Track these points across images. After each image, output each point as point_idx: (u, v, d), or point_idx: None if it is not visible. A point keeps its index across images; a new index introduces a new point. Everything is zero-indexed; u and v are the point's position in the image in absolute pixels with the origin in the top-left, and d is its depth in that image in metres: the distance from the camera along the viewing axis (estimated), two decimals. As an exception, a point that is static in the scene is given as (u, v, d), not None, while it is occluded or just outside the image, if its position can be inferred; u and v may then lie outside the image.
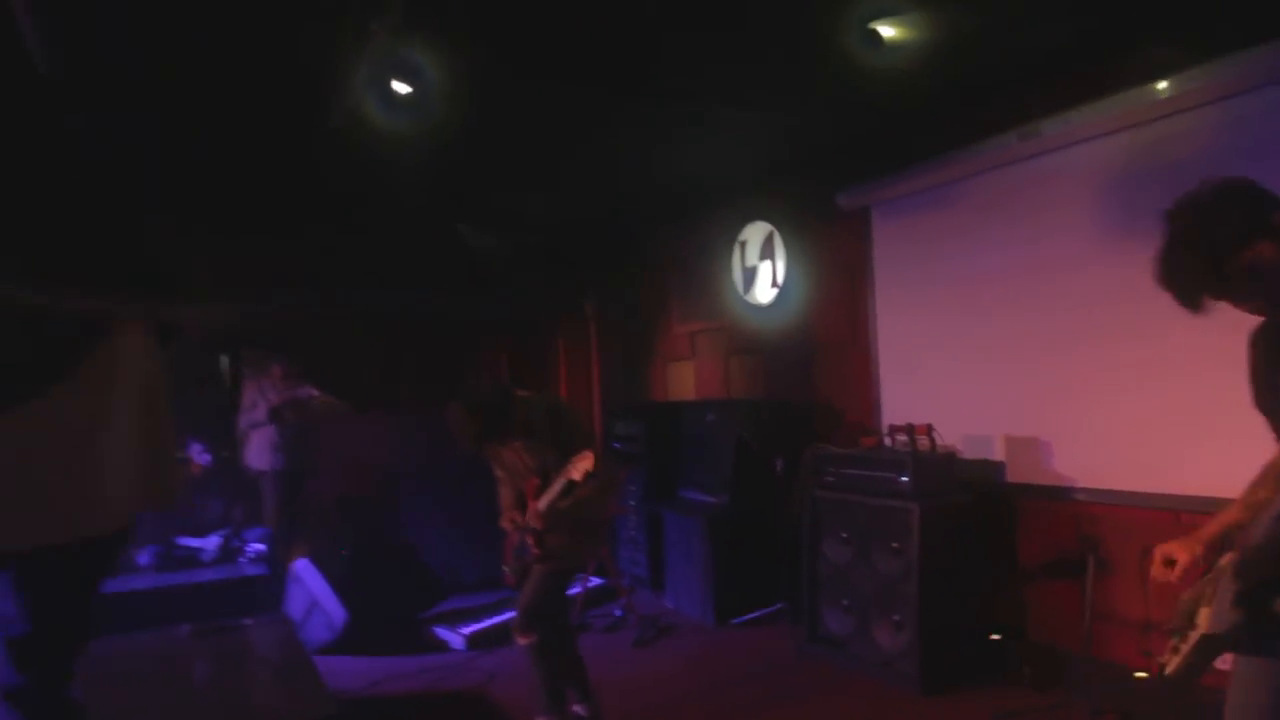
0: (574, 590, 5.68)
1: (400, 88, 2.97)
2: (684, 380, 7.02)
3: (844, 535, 4.38)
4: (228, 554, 5.49)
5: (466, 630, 4.96)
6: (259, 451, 5.92)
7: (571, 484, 3.28)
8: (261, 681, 3.33)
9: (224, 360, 6.34)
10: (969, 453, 4.41)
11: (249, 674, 3.42)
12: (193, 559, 5.43)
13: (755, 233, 5.95)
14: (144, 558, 5.29)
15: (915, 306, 4.79)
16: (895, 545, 4.06)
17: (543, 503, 3.39)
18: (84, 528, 1.50)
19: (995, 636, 4.18)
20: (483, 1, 2.80)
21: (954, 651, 3.98)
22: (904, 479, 4.04)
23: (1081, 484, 3.96)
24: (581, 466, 3.23)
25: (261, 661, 3.54)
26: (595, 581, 5.72)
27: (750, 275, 6.00)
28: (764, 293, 5.90)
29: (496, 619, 5.09)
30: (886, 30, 3.34)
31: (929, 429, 4.19)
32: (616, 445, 6.37)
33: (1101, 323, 3.83)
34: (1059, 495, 4.04)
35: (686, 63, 3.59)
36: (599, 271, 7.60)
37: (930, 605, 3.91)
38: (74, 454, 1.48)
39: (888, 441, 4.42)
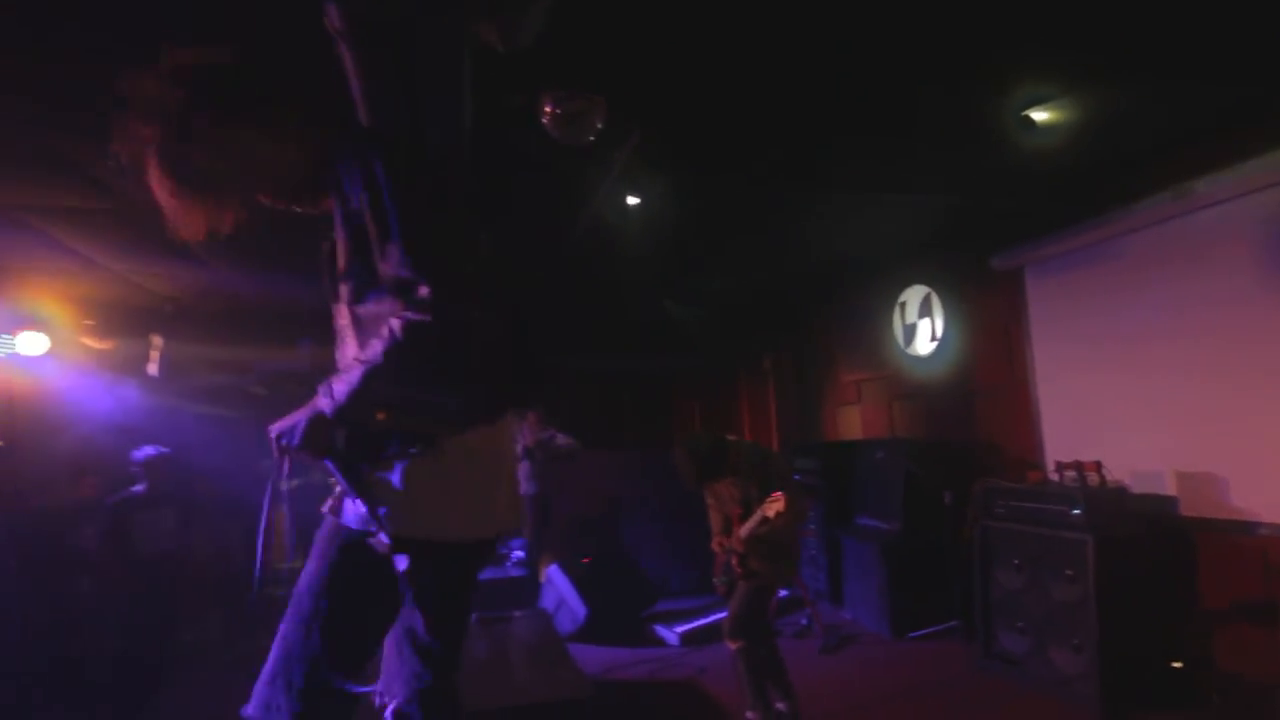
0: (766, 600, 5.54)
1: (631, 199, 3.13)
2: (851, 422, 6.72)
3: (1016, 562, 3.95)
4: (498, 559, 5.81)
5: (680, 629, 4.93)
6: (520, 480, 6.24)
7: (766, 518, 3.22)
8: (530, 663, 3.46)
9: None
10: (1138, 487, 3.86)
11: (520, 656, 3.57)
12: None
13: (914, 294, 5.64)
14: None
15: (1075, 352, 4.31)
16: (1069, 573, 3.60)
17: (744, 531, 3.34)
18: (496, 528, 1.54)
19: (1177, 664, 3.58)
20: (693, 129, 2.91)
21: (1135, 677, 3.44)
22: (1076, 512, 3.59)
23: (1267, 519, 3.35)
24: (774, 507, 3.15)
25: (528, 647, 3.69)
26: (784, 593, 5.51)
27: (910, 331, 5.69)
28: (924, 346, 5.55)
29: (704, 620, 5.02)
30: (1040, 115, 3.11)
31: (1098, 465, 3.72)
32: (797, 477, 6.18)
33: (1273, 357, 3.27)
34: (1241, 529, 3.43)
35: (857, 161, 3.52)
36: (775, 332, 7.51)
37: (1109, 631, 3.41)
38: (498, 469, 1.54)
39: (1054, 477, 3.97)
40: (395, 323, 1.28)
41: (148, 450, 4.02)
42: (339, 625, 1.36)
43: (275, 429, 1.39)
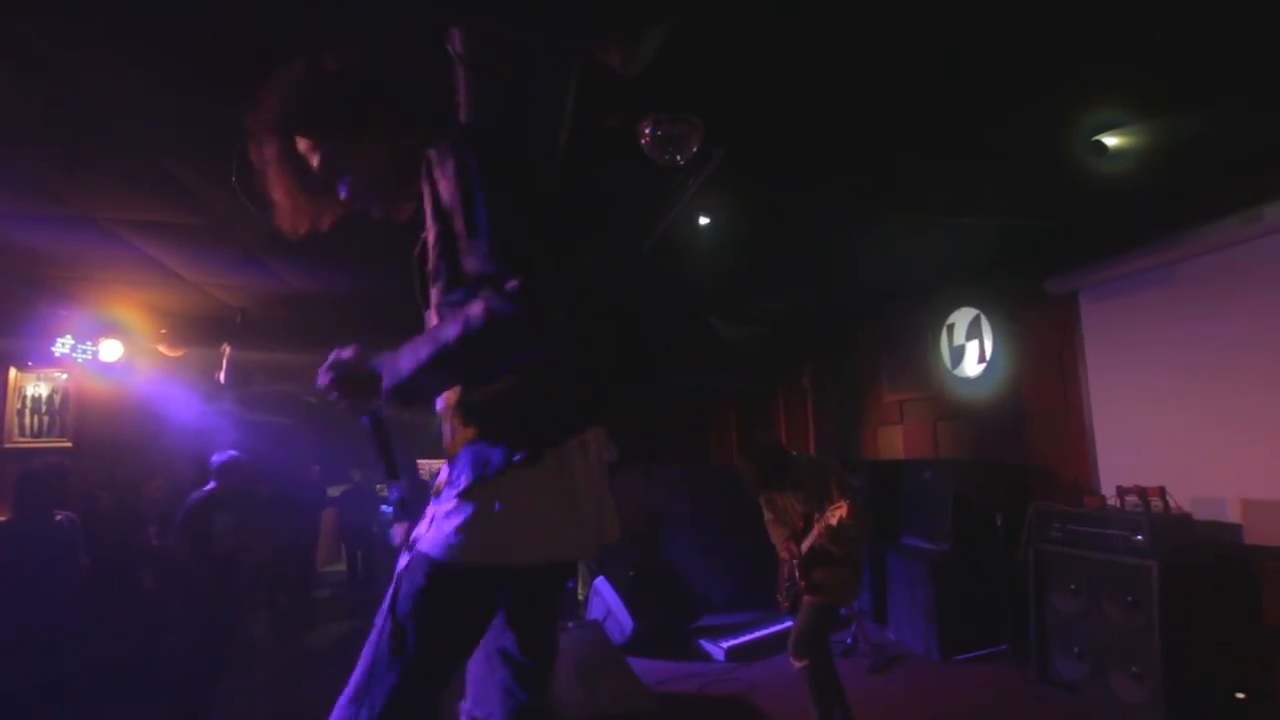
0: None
1: (703, 220, 3.17)
2: (892, 442, 6.65)
3: (1072, 586, 3.88)
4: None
5: (725, 644, 4.89)
6: None
7: (830, 527, 3.21)
8: (590, 675, 3.45)
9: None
10: (1199, 514, 3.78)
11: (579, 667, 3.57)
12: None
13: (962, 316, 5.60)
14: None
15: (1133, 377, 4.25)
16: (1130, 599, 3.53)
17: (805, 544, 3.33)
18: (597, 543, 1.45)
19: (1241, 695, 3.47)
20: (771, 150, 2.95)
21: (1199, 707, 3.35)
22: (1140, 537, 3.53)
23: (1339, 550, 3.26)
24: (837, 514, 3.14)
25: (586, 658, 3.69)
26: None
27: (958, 353, 5.64)
28: (971, 367, 5.50)
29: (751, 636, 4.99)
30: (1111, 141, 3.10)
31: (1161, 490, 3.65)
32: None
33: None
34: (1312, 560, 3.34)
35: (926, 183, 3.53)
36: (814, 350, 7.48)
37: (1174, 660, 3.33)
38: (599, 480, 1.46)
39: (1113, 502, 3.90)
40: (477, 307, 1.21)
41: (225, 454, 4.13)
42: (426, 650, 1.27)
43: (335, 357, 1.34)
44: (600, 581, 5.14)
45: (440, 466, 1.42)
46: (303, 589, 6.93)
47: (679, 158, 2.26)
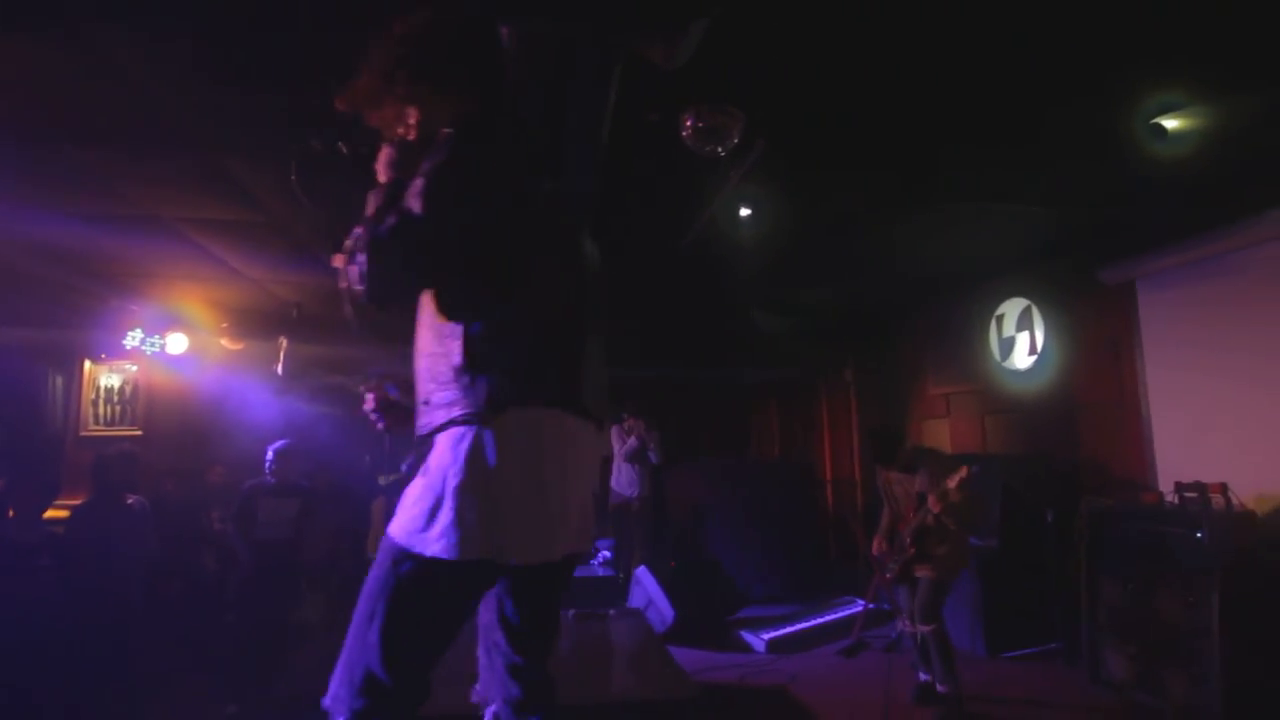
0: (851, 611, 5.42)
1: (744, 211, 3.15)
2: (938, 436, 6.50)
3: (1128, 586, 3.74)
4: (585, 558, 5.90)
5: (766, 636, 4.87)
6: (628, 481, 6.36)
7: (947, 498, 3.42)
8: (632, 661, 3.49)
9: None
10: (1264, 512, 3.60)
11: (621, 653, 3.61)
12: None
13: (1012, 307, 5.44)
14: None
15: (1194, 370, 4.06)
16: (1190, 599, 3.39)
17: (916, 520, 3.60)
18: (588, 542, 1.50)
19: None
20: (814, 139, 2.90)
21: (1260, 711, 3.20)
22: (1200, 535, 3.38)
23: None
24: (956, 478, 3.40)
25: (627, 645, 3.73)
26: (871, 606, 5.38)
27: (1008, 344, 5.48)
28: (1021, 360, 5.34)
29: (792, 628, 4.97)
30: (1171, 123, 2.96)
31: (1223, 487, 3.50)
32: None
33: None
34: (1389, 562, 3.16)
35: (976, 171, 3.43)
36: (858, 342, 7.36)
37: (1235, 663, 3.19)
38: (585, 490, 1.48)
39: (1172, 498, 3.74)
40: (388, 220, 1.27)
41: (279, 444, 4.28)
42: (394, 634, 1.28)
43: (383, 394, 1.42)
44: (642, 570, 5.17)
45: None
46: (356, 574, 7.15)
47: (720, 149, 2.25)
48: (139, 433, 6.18)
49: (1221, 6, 2.30)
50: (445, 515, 1.26)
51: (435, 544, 1.26)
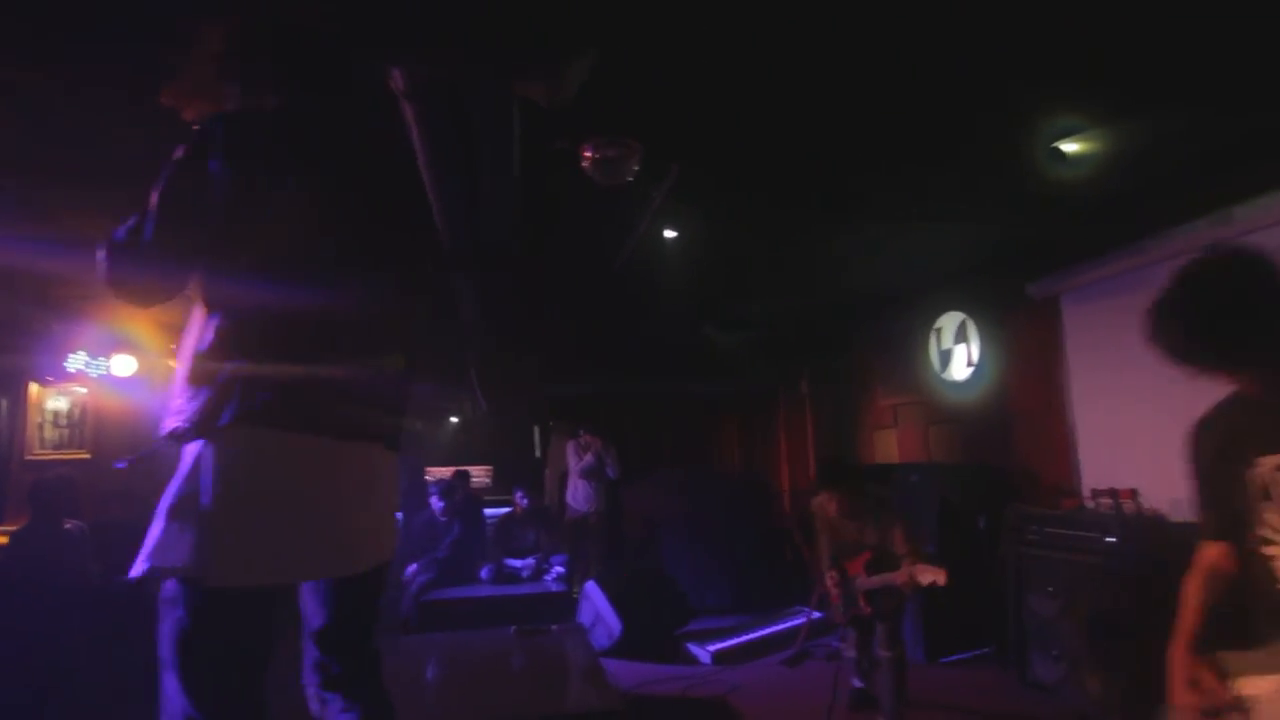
0: (799, 621, 5.49)
1: (669, 233, 3.24)
2: (888, 446, 6.64)
3: (1050, 589, 3.86)
4: (538, 573, 5.90)
5: (712, 648, 4.92)
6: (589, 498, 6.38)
7: (918, 583, 3.18)
8: (564, 675, 3.53)
9: (535, 430, 6.97)
10: (1176, 516, 3.74)
11: (556, 668, 3.64)
12: (515, 576, 5.87)
13: (949, 321, 5.60)
14: (484, 573, 5.82)
15: (1113, 379, 4.22)
16: (1104, 602, 3.51)
17: (877, 579, 3.49)
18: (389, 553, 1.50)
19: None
20: (730, 163, 3.00)
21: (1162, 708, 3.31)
22: (1110, 539, 3.51)
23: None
24: (929, 578, 3.08)
25: (563, 660, 3.76)
26: (816, 615, 5.46)
27: (946, 356, 5.63)
28: (959, 371, 5.49)
29: (737, 640, 5.02)
30: (1070, 147, 3.11)
31: (1133, 493, 3.64)
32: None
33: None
34: None
35: (889, 193, 3.56)
36: (812, 356, 7.50)
37: (1147, 662, 3.30)
38: (393, 497, 1.52)
39: (1089, 504, 3.88)
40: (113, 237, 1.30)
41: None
42: (193, 674, 1.22)
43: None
44: (590, 585, 5.20)
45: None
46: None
47: (623, 179, 2.32)
48: (88, 456, 6.09)
49: (1110, 35, 2.43)
50: (184, 528, 1.26)
51: (166, 559, 1.24)
